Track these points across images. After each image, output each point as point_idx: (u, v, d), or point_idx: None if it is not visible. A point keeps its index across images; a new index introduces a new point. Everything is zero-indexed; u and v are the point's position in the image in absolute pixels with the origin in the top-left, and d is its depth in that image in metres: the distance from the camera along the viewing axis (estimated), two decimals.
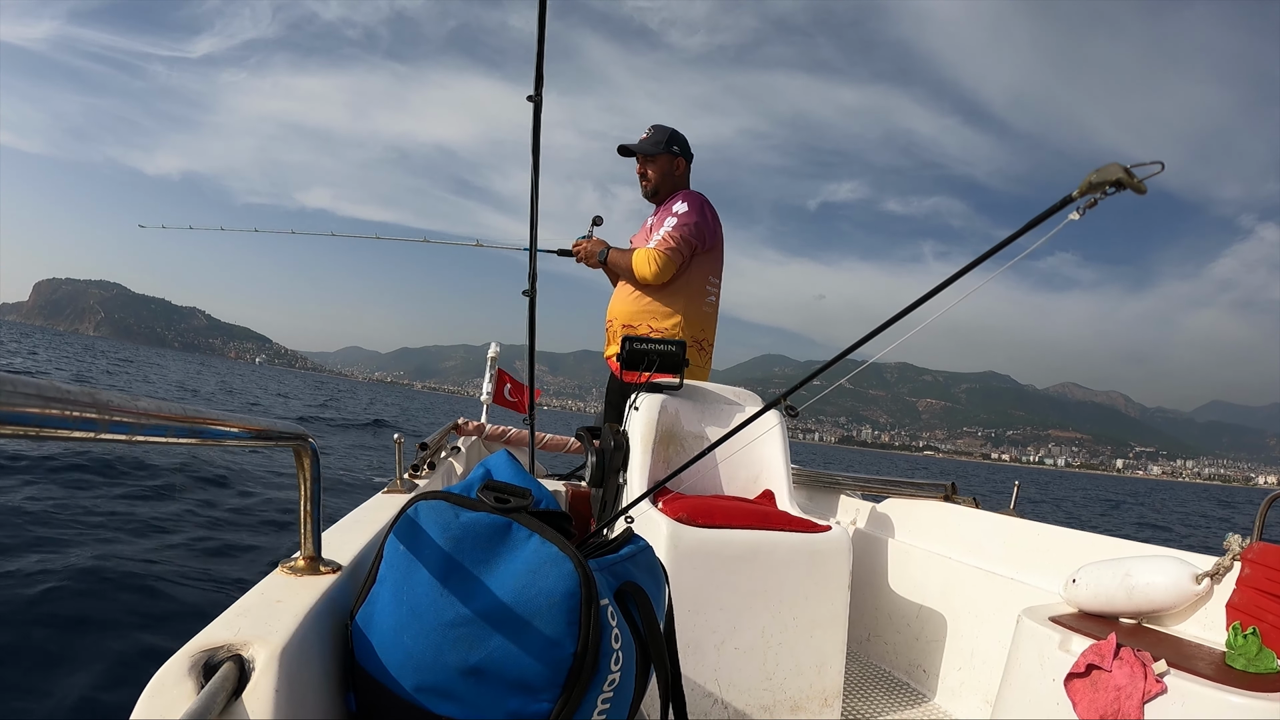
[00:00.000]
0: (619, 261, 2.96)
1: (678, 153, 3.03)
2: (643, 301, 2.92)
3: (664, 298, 2.90)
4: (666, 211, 2.93)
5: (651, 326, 2.88)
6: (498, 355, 4.38)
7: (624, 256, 2.93)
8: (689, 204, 2.90)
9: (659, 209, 3.03)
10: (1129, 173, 0.74)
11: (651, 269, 2.80)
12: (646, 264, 2.81)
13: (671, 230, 2.84)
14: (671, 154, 3.02)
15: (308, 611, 0.83)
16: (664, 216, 2.92)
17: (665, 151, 3.01)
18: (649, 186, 3.05)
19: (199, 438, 0.67)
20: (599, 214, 3.19)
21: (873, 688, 2.21)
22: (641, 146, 3.02)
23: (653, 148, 3.00)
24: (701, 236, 2.89)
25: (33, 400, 0.42)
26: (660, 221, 2.93)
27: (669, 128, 3.04)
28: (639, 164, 3.06)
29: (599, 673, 0.87)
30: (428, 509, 0.91)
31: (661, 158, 3.02)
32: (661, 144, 3.00)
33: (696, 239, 2.87)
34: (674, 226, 2.84)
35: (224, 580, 3.72)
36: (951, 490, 2.49)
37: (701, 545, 1.79)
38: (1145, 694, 1.22)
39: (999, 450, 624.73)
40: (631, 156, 3.07)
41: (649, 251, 2.82)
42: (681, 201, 2.91)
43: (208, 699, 0.64)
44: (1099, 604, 1.57)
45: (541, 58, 1.86)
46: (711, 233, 2.94)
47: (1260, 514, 1.54)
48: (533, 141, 2.01)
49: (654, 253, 2.81)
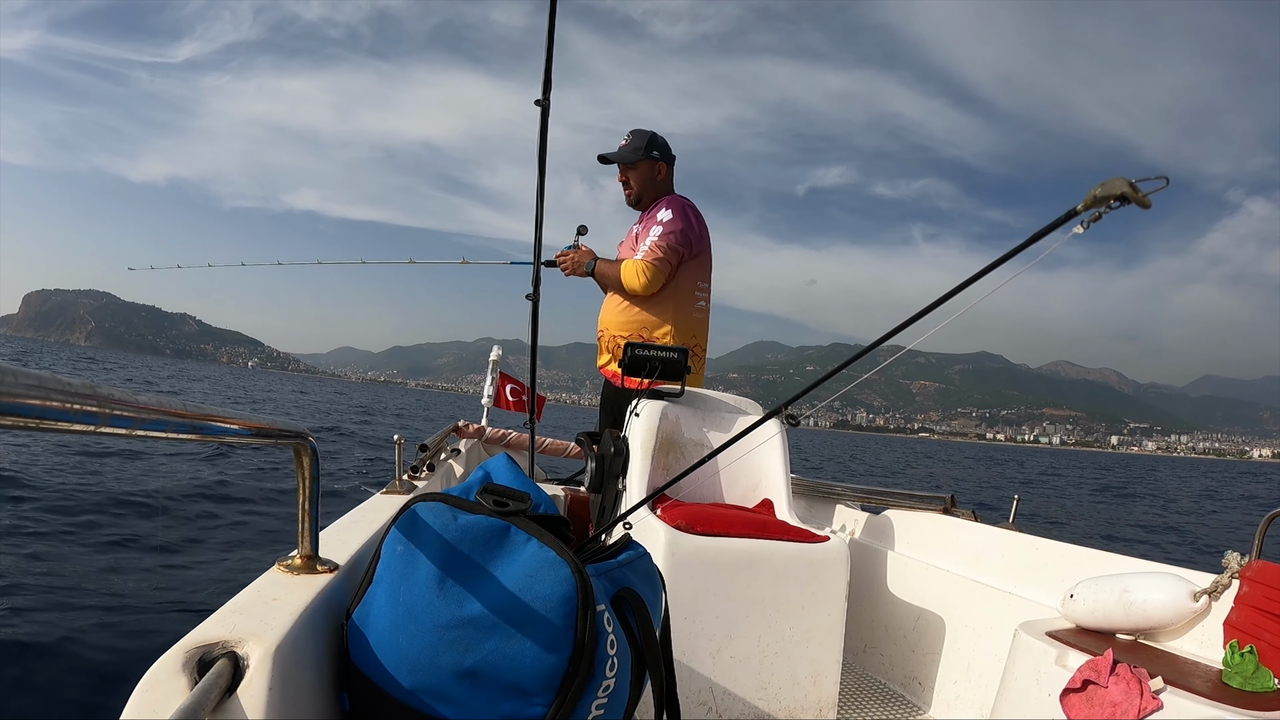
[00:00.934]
0: (608, 273, 2.93)
1: (658, 157, 2.98)
2: (632, 312, 2.90)
3: (653, 307, 2.88)
4: (651, 220, 2.90)
5: (643, 336, 2.86)
6: (499, 359, 4.38)
7: (612, 268, 2.91)
8: (673, 211, 2.87)
9: (643, 216, 3.01)
10: (1134, 187, 0.74)
11: (640, 281, 2.79)
12: (635, 276, 2.79)
13: (658, 240, 2.81)
14: (652, 159, 2.97)
15: (303, 610, 0.83)
16: (649, 225, 2.89)
17: (645, 158, 2.96)
18: (632, 195, 3.02)
19: (199, 434, 0.67)
20: (583, 223, 3.11)
21: (868, 699, 2.20)
22: (621, 155, 2.98)
23: (632, 155, 2.96)
24: (688, 243, 2.87)
25: (34, 391, 0.42)
26: (646, 230, 2.90)
27: (648, 131, 3.00)
28: (620, 173, 3.03)
29: (594, 678, 0.87)
30: (426, 510, 0.91)
31: (642, 165, 2.97)
32: (641, 150, 2.96)
33: (683, 246, 2.85)
34: (660, 235, 2.82)
35: (220, 578, 3.71)
36: (951, 503, 2.49)
37: (699, 553, 1.79)
38: (1141, 711, 1.22)
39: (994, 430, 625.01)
40: (616, 162, 3.02)
41: (637, 264, 2.80)
42: (666, 209, 2.88)
43: (201, 696, 0.64)
44: (1096, 620, 1.56)
45: (550, 63, 1.86)
46: (698, 238, 2.91)
47: (1259, 532, 1.54)
48: (540, 145, 2.01)
49: (642, 264, 2.79)
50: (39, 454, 6.22)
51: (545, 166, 2.09)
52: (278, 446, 0.88)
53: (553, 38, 1.84)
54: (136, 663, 2.69)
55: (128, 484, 5.58)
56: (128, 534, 4.21)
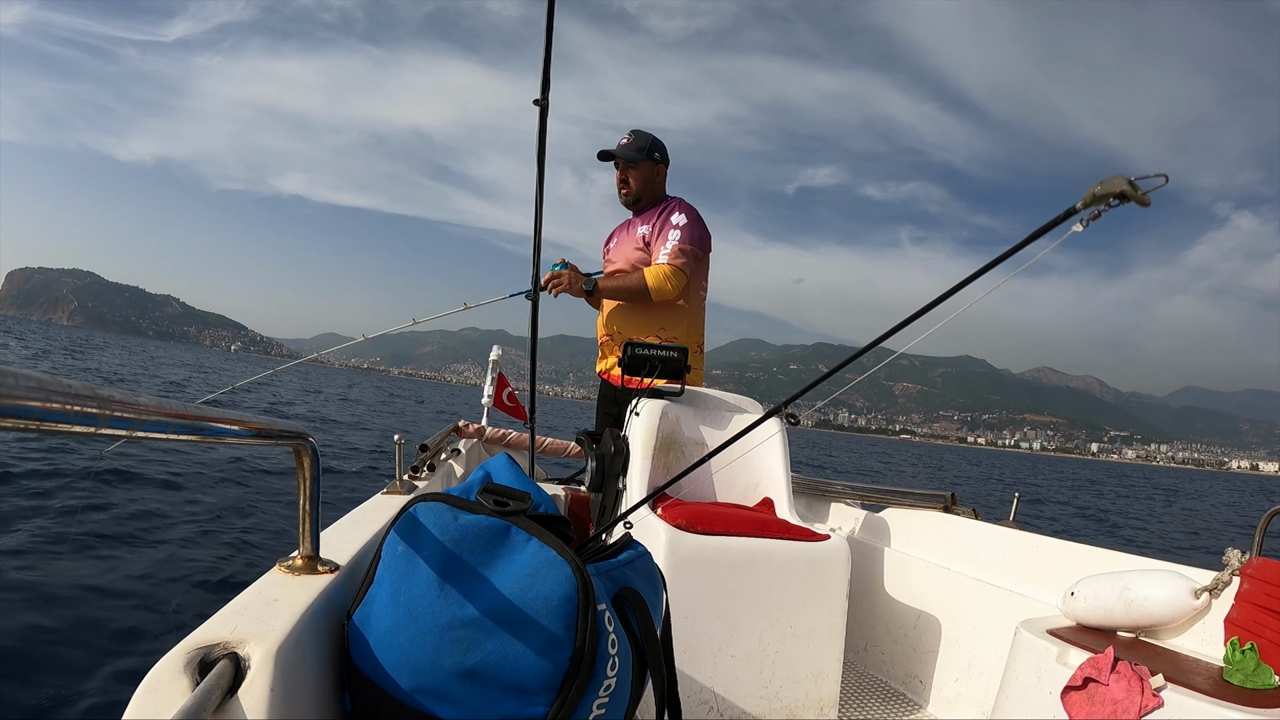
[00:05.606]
0: (617, 287, 2.91)
1: (658, 159, 3.02)
2: (650, 313, 2.92)
3: (668, 308, 2.92)
4: (665, 223, 2.92)
5: (660, 336, 2.90)
6: (499, 359, 4.38)
7: (626, 280, 2.90)
8: (686, 215, 2.91)
9: (643, 217, 3.01)
10: (1133, 185, 0.74)
11: (671, 286, 2.82)
12: (665, 282, 2.81)
13: (680, 243, 2.85)
14: (653, 161, 3.00)
15: (305, 611, 0.83)
16: (662, 228, 2.91)
17: (647, 159, 2.99)
18: (630, 194, 3.02)
19: (200, 435, 0.67)
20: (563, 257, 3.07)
21: (869, 698, 2.20)
22: (624, 152, 2.99)
23: (636, 154, 2.98)
24: (703, 245, 2.94)
25: (35, 394, 0.42)
26: (658, 233, 2.92)
27: (649, 134, 3.03)
28: (619, 170, 3.03)
29: (595, 677, 0.87)
30: (427, 510, 0.91)
31: (644, 165, 2.99)
32: (644, 150, 2.98)
33: (700, 248, 2.92)
34: (680, 239, 2.86)
35: (220, 578, 3.71)
36: (951, 501, 2.49)
37: (700, 552, 1.79)
38: (1142, 708, 1.22)
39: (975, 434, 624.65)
40: (611, 161, 3.03)
41: (664, 269, 2.82)
42: (679, 212, 2.92)
43: (202, 696, 0.64)
44: (1097, 617, 1.57)
45: (548, 63, 1.86)
46: (709, 240, 3.00)
47: (1260, 529, 1.54)
48: (539, 145, 2.01)
49: (671, 270, 2.82)
50: (36, 453, 6.22)
51: (545, 167, 2.08)
52: (278, 446, 0.88)
53: (551, 37, 1.84)
54: (137, 663, 2.69)
55: (126, 480, 5.58)
56: (128, 533, 4.22)
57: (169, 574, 3.61)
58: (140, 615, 3.10)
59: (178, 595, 3.39)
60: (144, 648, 2.79)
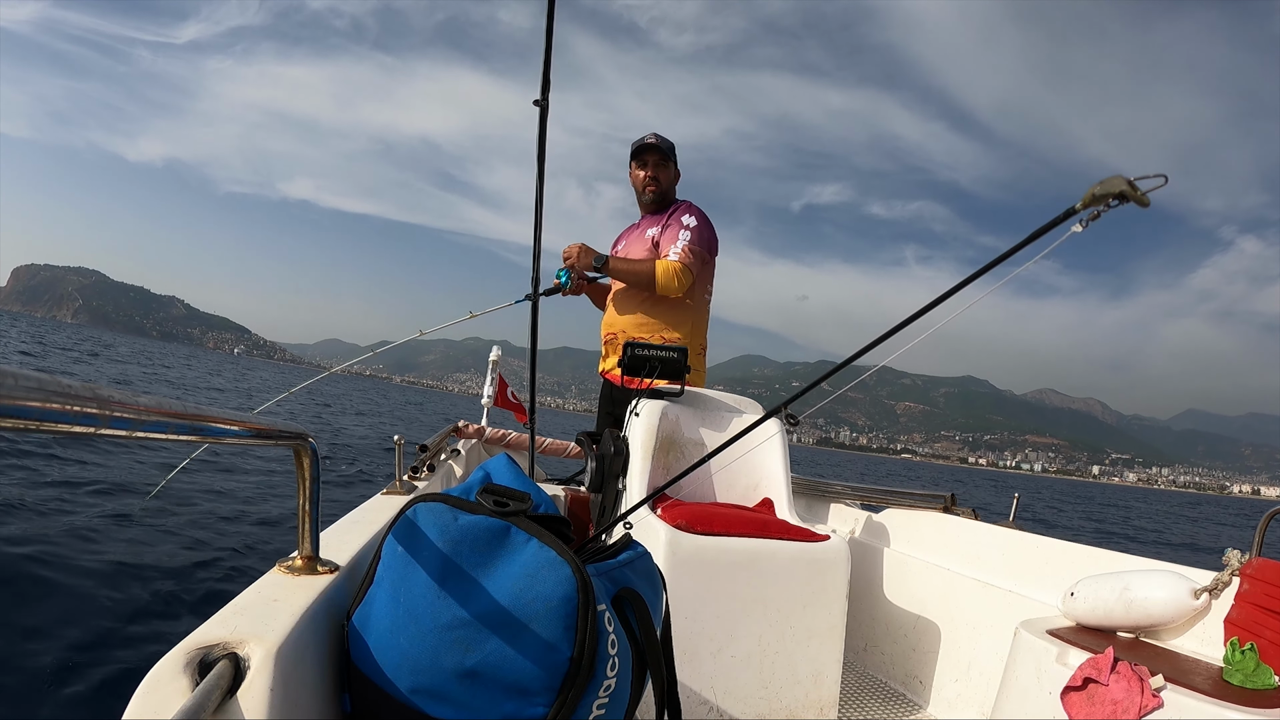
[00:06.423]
0: (627, 269, 2.92)
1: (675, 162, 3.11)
2: (655, 312, 2.94)
3: (671, 309, 2.93)
4: (675, 223, 2.94)
5: (664, 337, 2.91)
6: (499, 359, 4.38)
7: (635, 265, 2.91)
8: (697, 217, 2.94)
9: (655, 217, 3.03)
10: (1133, 185, 0.74)
11: (676, 282, 2.84)
12: (673, 278, 2.83)
13: (690, 244, 2.88)
14: (674, 162, 3.09)
15: (304, 611, 0.83)
16: (673, 228, 2.94)
17: (673, 158, 3.07)
18: (657, 191, 3.03)
19: (199, 435, 0.67)
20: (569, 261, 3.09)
21: (869, 698, 2.20)
22: (665, 143, 3.03)
23: (670, 152, 3.05)
24: (711, 248, 2.98)
25: (34, 394, 0.42)
26: (667, 232, 2.94)
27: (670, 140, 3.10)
28: (651, 166, 3.03)
29: (595, 678, 0.87)
30: (426, 511, 0.91)
31: (672, 164, 3.07)
32: (672, 150, 3.05)
33: (708, 251, 2.96)
34: (690, 241, 2.88)
35: (220, 578, 3.71)
36: (951, 501, 2.49)
37: (700, 552, 1.79)
38: (1142, 709, 1.22)
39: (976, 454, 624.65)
40: (657, 153, 3.02)
41: (673, 264, 2.83)
42: (689, 214, 2.95)
43: (202, 697, 0.64)
44: (1097, 618, 1.57)
45: (549, 64, 1.86)
46: (716, 244, 3.04)
47: (1260, 529, 1.54)
48: (539, 146, 2.01)
49: (679, 266, 2.83)
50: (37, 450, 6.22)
51: (544, 167, 2.09)
52: (278, 447, 0.88)
53: (551, 37, 1.84)
54: (137, 664, 2.69)
55: (126, 475, 5.58)
56: (126, 532, 4.21)
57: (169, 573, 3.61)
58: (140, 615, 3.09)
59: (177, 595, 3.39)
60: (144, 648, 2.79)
